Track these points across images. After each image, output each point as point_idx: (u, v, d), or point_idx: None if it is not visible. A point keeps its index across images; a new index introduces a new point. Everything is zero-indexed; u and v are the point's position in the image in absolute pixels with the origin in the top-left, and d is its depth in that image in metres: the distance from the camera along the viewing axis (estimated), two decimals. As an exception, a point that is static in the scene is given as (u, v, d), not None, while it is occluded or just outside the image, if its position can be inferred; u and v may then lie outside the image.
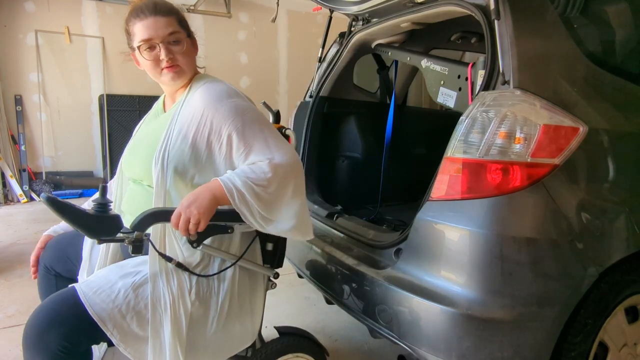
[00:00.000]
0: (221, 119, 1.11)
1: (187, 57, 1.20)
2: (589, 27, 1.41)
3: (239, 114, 1.12)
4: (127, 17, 1.19)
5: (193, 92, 1.20)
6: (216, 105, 1.12)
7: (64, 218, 0.94)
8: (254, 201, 1.03)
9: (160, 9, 1.16)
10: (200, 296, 1.10)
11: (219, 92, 1.16)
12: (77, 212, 0.95)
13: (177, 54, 1.17)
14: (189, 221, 0.99)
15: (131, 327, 1.01)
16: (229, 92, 1.17)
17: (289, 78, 6.65)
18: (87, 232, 0.98)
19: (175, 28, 1.18)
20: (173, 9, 1.20)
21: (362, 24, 2.08)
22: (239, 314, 1.17)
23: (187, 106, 1.17)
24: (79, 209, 0.96)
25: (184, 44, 1.19)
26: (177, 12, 1.21)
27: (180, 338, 1.04)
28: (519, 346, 1.11)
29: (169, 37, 1.16)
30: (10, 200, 5.03)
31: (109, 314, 0.99)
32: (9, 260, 2.99)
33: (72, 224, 0.95)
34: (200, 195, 1.02)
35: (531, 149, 1.09)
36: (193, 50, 1.24)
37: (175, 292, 1.06)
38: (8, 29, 5.07)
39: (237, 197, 1.02)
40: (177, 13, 1.21)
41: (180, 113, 1.16)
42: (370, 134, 2.42)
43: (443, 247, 1.19)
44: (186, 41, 1.20)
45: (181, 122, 1.14)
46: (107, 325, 0.98)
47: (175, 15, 1.20)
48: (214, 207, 1.02)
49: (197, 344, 1.09)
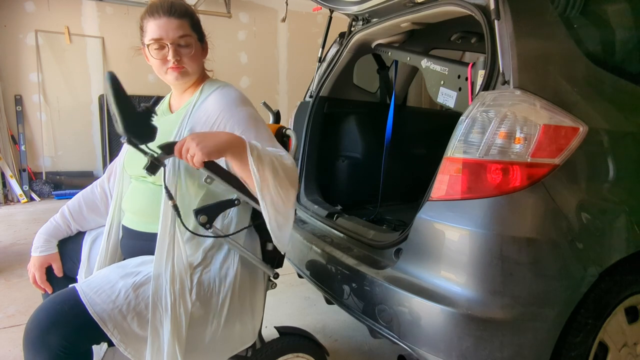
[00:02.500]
0: (235, 124, 1.15)
1: (195, 60, 1.22)
2: (589, 27, 1.41)
3: (252, 121, 1.17)
4: (142, 13, 1.21)
5: (206, 94, 1.23)
6: (232, 111, 1.17)
7: (117, 101, 0.95)
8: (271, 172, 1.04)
9: (175, 11, 1.18)
10: (201, 296, 1.10)
11: (234, 98, 1.21)
12: (129, 102, 0.97)
13: (184, 56, 1.20)
14: (188, 150, 0.99)
15: (132, 328, 1.01)
16: (243, 100, 1.22)
17: (289, 78, 6.65)
18: (126, 125, 0.98)
19: (187, 31, 1.20)
20: (188, 12, 1.22)
21: (362, 24, 2.08)
22: (239, 314, 1.17)
23: (201, 108, 1.20)
24: (132, 101, 0.98)
25: (192, 48, 1.21)
26: (192, 15, 1.23)
27: (179, 338, 1.04)
28: (519, 346, 1.11)
29: (179, 40, 1.18)
30: (10, 200, 5.03)
31: (109, 314, 0.99)
32: (9, 260, 2.99)
33: (118, 110, 0.95)
34: (213, 135, 1.04)
35: (531, 149, 1.09)
36: (202, 54, 1.27)
37: (177, 291, 1.06)
38: (8, 29, 5.08)
39: (256, 154, 1.02)
40: (191, 16, 1.22)
41: (193, 114, 1.19)
42: (370, 134, 2.42)
43: (443, 247, 1.19)
44: (196, 45, 1.22)
45: (193, 123, 1.17)
46: (108, 325, 0.98)
47: (189, 18, 1.21)
48: (220, 150, 1.01)
49: (196, 344, 1.09)
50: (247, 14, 6.22)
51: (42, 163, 5.32)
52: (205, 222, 1.09)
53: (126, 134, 0.98)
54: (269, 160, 1.04)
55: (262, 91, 6.33)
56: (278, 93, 6.65)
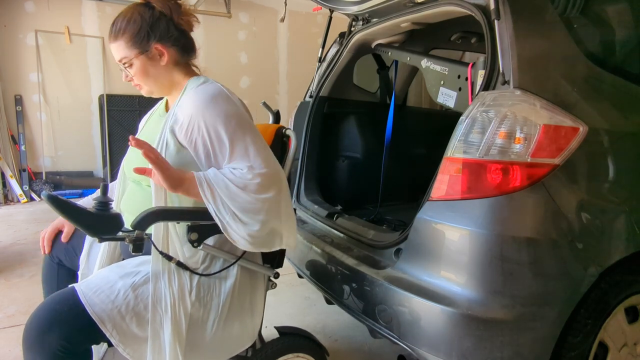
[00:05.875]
0: (208, 123, 1.10)
1: (143, 75, 1.18)
2: (589, 27, 1.41)
3: (224, 120, 1.10)
4: None
5: (187, 94, 1.18)
6: (203, 110, 1.11)
7: (65, 216, 0.95)
8: (226, 198, 1.04)
9: (112, 34, 1.16)
10: (201, 297, 1.10)
11: (208, 95, 1.13)
12: (78, 210, 0.95)
13: (133, 76, 1.19)
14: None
15: (130, 328, 1.01)
16: (218, 96, 1.14)
17: (289, 78, 6.65)
18: (88, 230, 0.98)
19: (123, 53, 1.16)
20: (120, 30, 1.15)
21: (362, 24, 2.08)
22: (239, 315, 1.17)
23: (180, 108, 1.16)
24: (79, 207, 0.96)
25: (133, 67, 1.17)
26: (126, 32, 1.15)
27: (180, 339, 1.04)
28: (519, 346, 1.11)
29: (120, 64, 1.18)
30: (10, 200, 5.03)
31: (108, 315, 0.99)
32: (9, 260, 2.99)
33: (73, 222, 0.95)
34: (174, 172, 1.04)
35: (531, 149, 1.09)
36: (153, 64, 1.18)
37: (177, 292, 1.06)
38: (8, 29, 5.07)
39: (206, 187, 1.03)
40: (125, 34, 1.15)
41: (174, 115, 1.16)
42: (370, 134, 2.42)
43: (443, 247, 1.19)
44: (138, 61, 1.16)
45: (171, 124, 1.14)
46: (107, 325, 0.98)
47: (124, 37, 1.15)
48: (176, 186, 1.03)
49: (197, 344, 1.09)
50: (247, 14, 6.22)
51: (42, 163, 5.32)
52: (194, 240, 1.08)
53: (95, 235, 0.98)
54: (223, 186, 1.04)
55: (262, 91, 6.33)
56: (278, 93, 6.65)
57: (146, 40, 1.16)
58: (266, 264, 1.27)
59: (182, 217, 1.08)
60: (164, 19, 1.18)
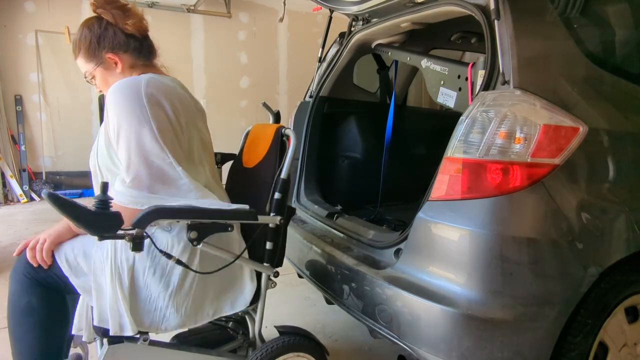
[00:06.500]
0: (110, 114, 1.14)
1: (105, 85, 1.26)
2: (589, 27, 1.41)
3: (117, 112, 1.12)
4: None
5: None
6: (107, 101, 1.16)
7: (65, 214, 0.96)
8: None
9: (73, 51, 1.27)
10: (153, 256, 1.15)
11: (116, 87, 1.15)
12: (78, 208, 0.96)
13: (99, 86, 1.29)
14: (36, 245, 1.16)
15: (77, 261, 1.15)
16: (123, 88, 1.15)
17: (289, 78, 6.64)
18: (88, 228, 0.99)
19: (84, 68, 1.27)
20: (76, 47, 1.25)
21: (362, 24, 2.08)
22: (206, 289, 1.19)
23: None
24: (80, 206, 0.97)
25: (96, 78, 1.28)
26: (80, 48, 1.25)
27: (122, 287, 1.11)
28: (519, 346, 1.11)
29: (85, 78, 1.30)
30: (10, 200, 5.03)
31: (64, 250, 1.17)
32: (9, 260, 2.98)
33: (73, 221, 0.96)
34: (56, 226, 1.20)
35: (531, 149, 1.09)
36: (110, 72, 1.26)
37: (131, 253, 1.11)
38: (8, 29, 5.07)
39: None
40: (80, 50, 1.25)
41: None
42: (370, 134, 2.42)
43: (443, 247, 1.19)
44: (97, 73, 1.26)
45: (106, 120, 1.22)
46: (60, 257, 1.15)
47: (80, 53, 1.25)
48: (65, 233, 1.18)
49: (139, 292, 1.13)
50: (247, 14, 6.22)
51: (42, 163, 5.32)
52: (194, 239, 1.08)
53: (95, 234, 0.99)
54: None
55: (262, 91, 6.33)
56: (278, 93, 6.65)
57: (98, 52, 1.24)
58: (266, 263, 1.27)
59: (181, 215, 1.08)
60: (111, 27, 1.24)
